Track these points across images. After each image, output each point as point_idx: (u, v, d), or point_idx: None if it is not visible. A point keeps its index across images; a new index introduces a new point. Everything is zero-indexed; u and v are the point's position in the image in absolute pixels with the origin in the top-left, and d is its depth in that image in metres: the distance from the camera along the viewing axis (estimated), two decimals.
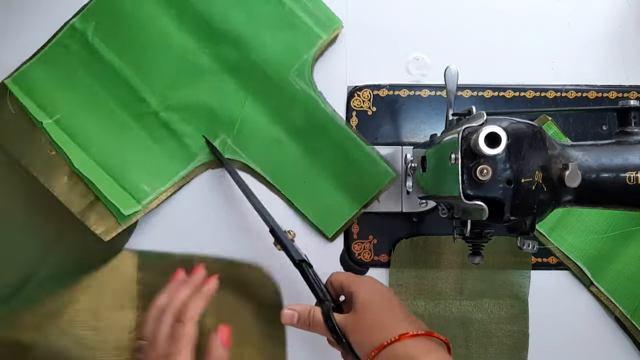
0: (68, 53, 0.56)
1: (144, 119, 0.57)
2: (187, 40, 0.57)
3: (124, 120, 0.57)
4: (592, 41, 0.60)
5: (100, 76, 0.56)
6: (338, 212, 0.58)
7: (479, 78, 0.59)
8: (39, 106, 0.56)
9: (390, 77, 0.59)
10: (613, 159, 0.41)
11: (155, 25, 0.56)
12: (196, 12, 0.56)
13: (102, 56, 0.56)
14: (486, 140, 0.36)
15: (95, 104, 0.57)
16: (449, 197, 0.42)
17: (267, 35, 0.56)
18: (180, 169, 0.57)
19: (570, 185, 0.39)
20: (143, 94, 0.56)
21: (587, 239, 0.59)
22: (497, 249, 0.58)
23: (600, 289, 0.58)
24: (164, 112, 0.57)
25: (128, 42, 0.56)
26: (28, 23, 0.57)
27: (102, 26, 0.56)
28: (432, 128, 0.59)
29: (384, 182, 0.57)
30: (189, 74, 0.57)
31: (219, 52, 0.56)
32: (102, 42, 0.56)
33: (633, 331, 0.58)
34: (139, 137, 0.57)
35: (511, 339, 0.58)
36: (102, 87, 0.57)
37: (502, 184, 0.38)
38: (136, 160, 0.57)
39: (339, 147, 0.57)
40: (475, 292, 0.58)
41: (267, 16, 0.57)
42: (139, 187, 0.56)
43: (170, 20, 0.56)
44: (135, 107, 0.57)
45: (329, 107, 0.57)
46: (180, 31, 0.56)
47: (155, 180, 0.57)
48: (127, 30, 0.56)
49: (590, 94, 0.60)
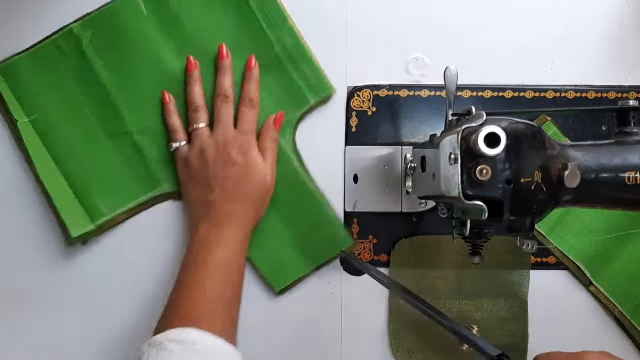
0: (60, 55, 0.56)
1: (118, 137, 0.57)
2: (179, 70, 0.56)
3: (98, 135, 0.57)
4: (592, 41, 0.60)
5: (85, 85, 0.56)
6: (290, 269, 0.57)
7: (478, 78, 0.59)
8: (19, 101, 0.56)
9: (390, 77, 0.59)
10: (612, 159, 0.41)
11: (151, 51, 0.56)
12: (195, 49, 0.56)
13: (92, 66, 0.56)
14: (486, 140, 0.36)
15: (75, 112, 0.56)
16: (448, 197, 0.42)
17: (260, 87, 0.57)
18: (141, 194, 0.57)
19: (569, 185, 0.39)
20: (122, 113, 0.56)
21: (586, 239, 0.59)
22: (496, 248, 0.58)
23: (600, 289, 0.58)
24: (138, 135, 0.56)
25: (120, 59, 0.56)
26: (27, 20, 0.57)
27: (99, 37, 0.56)
28: (432, 128, 0.59)
29: (340, 248, 0.57)
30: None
31: (207, 88, 0.56)
32: (95, 53, 0.56)
33: (632, 331, 0.58)
34: (108, 155, 0.57)
35: (510, 339, 0.58)
36: (85, 97, 0.56)
37: (502, 184, 0.38)
38: (101, 177, 0.56)
39: (303, 207, 0.57)
40: (474, 292, 0.59)
41: (262, 69, 0.57)
42: (96, 205, 0.56)
43: (168, 50, 0.56)
44: (113, 124, 0.56)
45: (304, 168, 0.57)
46: (175, 62, 0.56)
47: (114, 201, 0.56)
48: (123, 48, 0.56)
49: (589, 94, 0.60)
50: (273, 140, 0.56)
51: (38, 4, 0.57)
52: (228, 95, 0.55)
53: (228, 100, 0.55)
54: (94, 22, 0.56)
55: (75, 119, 0.56)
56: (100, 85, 0.56)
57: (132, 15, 0.56)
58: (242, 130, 0.54)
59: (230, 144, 0.53)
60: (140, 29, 0.56)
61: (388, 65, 0.59)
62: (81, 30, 0.56)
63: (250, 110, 0.55)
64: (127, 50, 0.56)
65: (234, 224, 0.52)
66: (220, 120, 0.55)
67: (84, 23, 0.56)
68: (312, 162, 0.58)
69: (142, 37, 0.56)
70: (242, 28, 0.57)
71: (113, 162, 0.57)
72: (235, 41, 0.57)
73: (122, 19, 0.56)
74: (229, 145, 0.53)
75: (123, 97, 0.56)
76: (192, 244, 0.52)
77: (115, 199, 0.56)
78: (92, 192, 0.56)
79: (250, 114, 0.55)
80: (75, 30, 0.56)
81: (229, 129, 0.54)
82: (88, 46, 0.56)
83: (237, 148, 0.53)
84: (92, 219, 0.56)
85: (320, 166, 0.58)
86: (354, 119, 0.59)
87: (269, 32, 0.57)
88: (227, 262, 0.51)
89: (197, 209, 0.54)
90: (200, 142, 0.54)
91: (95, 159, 0.57)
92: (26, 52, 0.56)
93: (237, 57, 0.57)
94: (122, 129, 0.56)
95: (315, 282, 0.58)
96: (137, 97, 0.57)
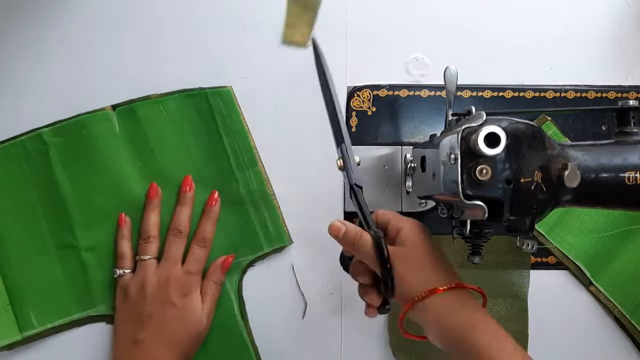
0: (25, 156, 0.56)
1: (65, 250, 0.56)
2: (139, 193, 0.56)
3: (46, 244, 0.56)
4: (592, 41, 0.60)
5: (44, 192, 0.56)
6: None
7: (478, 78, 0.59)
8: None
9: (389, 78, 0.59)
10: (612, 159, 0.41)
11: (116, 170, 0.56)
12: (160, 174, 0.56)
13: (54, 174, 0.56)
14: (485, 140, 0.36)
15: (28, 215, 0.56)
16: (448, 197, 0.42)
17: (218, 223, 0.56)
18: (74, 312, 0.56)
19: (569, 185, 0.39)
20: (75, 226, 0.56)
21: (586, 239, 0.59)
22: (496, 248, 0.58)
23: (600, 289, 0.58)
24: (85, 252, 0.56)
25: (84, 172, 0.56)
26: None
27: (67, 147, 0.56)
28: (432, 128, 0.59)
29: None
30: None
31: (166, 217, 0.56)
32: (60, 161, 0.56)
33: (632, 331, 0.58)
34: (52, 266, 0.56)
35: None
36: (41, 203, 0.56)
37: (502, 184, 0.38)
38: (38, 287, 0.55)
39: (232, 357, 0.56)
40: (474, 292, 0.58)
41: (224, 205, 0.56)
42: (28, 316, 0.55)
43: (134, 172, 0.56)
44: (63, 236, 0.56)
45: (243, 316, 0.57)
46: (138, 185, 0.56)
47: (46, 315, 0.55)
48: (88, 161, 0.56)
49: (589, 94, 0.60)
50: (217, 285, 0.55)
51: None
52: (182, 230, 0.55)
53: (181, 235, 0.55)
54: (65, 130, 0.56)
55: (27, 223, 0.56)
56: (58, 194, 0.55)
57: (103, 131, 0.56)
58: (187, 269, 0.54)
59: (173, 282, 0.53)
60: (109, 146, 0.56)
61: (388, 65, 0.59)
62: (51, 136, 0.56)
63: (201, 250, 0.55)
64: (92, 165, 0.56)
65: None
66: (168, 256, 0.54)
67: (55, 130, 0.56)
68: (312, 162, 0.58)
69: (109, 154, 0.56)
70: (211, 162, 0.57)
71: (55, 274, 0.56)
72: (201, 173, 0.57)
73: (93, 133, 0.56)
74: (171, 284, 0.53)
75: (79, 211, 0.56)
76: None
77: (49, 312, 0.55)
78: (27, 301, 0.55)
79: (201, 253, 0.55)
80: (45, 135, 0.56)
81: (175, 266, 0.54)
82: (54, 153, 0.56)
83: (179, 288, 0.53)
84: (21, 330, 0.55)
85: (320, 166, 0.58)
86: (354, 119, 0.59)
87: (236, 171, 0.57)
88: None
89: (123, 346, 0.53)
90: (143, 275, 0.53)
91: (38, 267, 0.56)
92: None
93: (201, 189, 0.56)
94: (72, 242, 0.56)
95: (315, 282, 0.58)
96: (92, 213, 0.56)
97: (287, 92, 0.59)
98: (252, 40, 0.59)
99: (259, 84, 0.58)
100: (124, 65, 0.58)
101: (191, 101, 0.57)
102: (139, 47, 0.58)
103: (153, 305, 0.52)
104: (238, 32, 0.59)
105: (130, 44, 0.58)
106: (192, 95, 0.57)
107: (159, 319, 0.52)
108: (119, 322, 0.54)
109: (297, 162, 0.58)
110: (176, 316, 0.52)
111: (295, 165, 0.58)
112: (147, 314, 0.52)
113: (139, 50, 0.58)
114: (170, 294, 0.52)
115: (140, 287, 0.53)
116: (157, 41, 0.59)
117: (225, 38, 0.59)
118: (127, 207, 0.56)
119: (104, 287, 0.56)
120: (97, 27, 0.58)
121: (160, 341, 0.51)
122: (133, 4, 0.59)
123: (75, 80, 0.58)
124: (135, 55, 0.58)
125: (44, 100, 0.57)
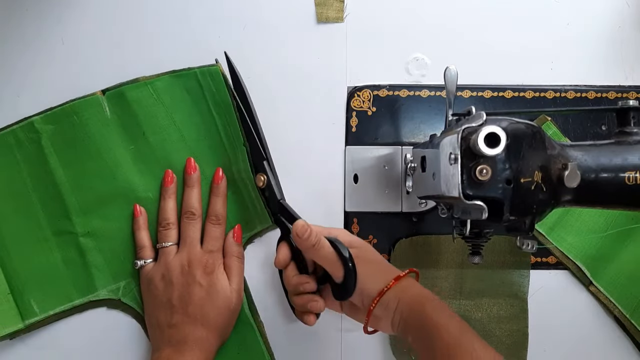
0: (17, 146, 0.56)
1: (63, 237, 0.56)
2: (134, 176, 0.56)
3: (44, 232, 0.56)
4: (592, 41, 0.60)
5: (39, 180, 0.56)
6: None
7: (478, 78, 0.59)
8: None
9: (390, 78, 0.59)
10: (612, 159, 0.41)
11: (109, 155, 0.56)
12: (154, 156, 0.56)
13: (47, 161, 0.55)
14: (486, 140, 0.36)
15: (24, 204, 0.56)
16: (448, 197, 0.42)
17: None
18: (75, 298, 0.56)
19: (569, 185, 0.39)
20: (71, 213, 0.56)
21: (586, 239, 0.59)
22: (496, 248, 0.58)
23: (600, 289, 0.58)
24: (83, 237, 0.56)
25: (77, 158, 0.56)
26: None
27: (59, 134, 0.56)
28: (432, 128, 0.59)
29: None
30: (123, 208, 0.56)
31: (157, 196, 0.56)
32: (53, 149, 0.55)
33: (632, 330, 0.58)
34: (50, 253, 0.56)
35: (510, 339, 0.58)
36: (36, 191, 0.56)
37: (502, 184, 0.38)
38: (38, 275, 0.55)
39: (242, 342, 0.56)
40: (474, 292, 0.59)
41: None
42: (29, 303, 0.55)
43: (126, 153, 0.56)
44: (60, 222, 0.56)
45: (249, 309, 0.57)
46: (131, 166, 0.56)
47: (47, 302, 0.55)
48: (81, 147, 0.56)
49: (589, 94, 0.60)
50: (238, 258, 0.56)
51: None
52: (195, 212, 0.55)
53: (195, 217, 0.55)
54: (56, 117, 0.56)
55: (24, 212, 0.56)
56: (53, 182, 0.55)
57: (94, 116, 0.56)
58: (207, 249, 0.54)
59: (196, 263, 0.53)
60: (101, 130, 0.56)
61: (388, 65, 0.59)
62: (43, 123, 0.56)
63: (217, 227, 0.55)
64: (85, 150, 0.56)
65: (196, 349, 0.51)
66: (187, 239, 0.54)
67: (46, 117, 0.56)
68: (312, 162, 0.58)
69: (102, 139, 0.56)
70: (204, 141, 0.57)
71: (54, 261, 0.56)
72: (195, 153, 0.57)
73: (84, 119, 0.55)
74: (194, 266, 0.53)
75: (74, 197, 0.56)
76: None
77: (50, 298, 0.55)
78: (28, 289, 0.55)
79: (217, 231, 0.55)
80: (36, 123, 0.55)
81: (195, 248, 0.54)
82: (47, 141, 0.55)
83: (202, 268, 0.53)
84: (23, 318, 0.55)
85: (320, 166, 0.58)
86: (354, 119, 0.59)
87: (228, 149, 0.57)
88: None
89: (159, 332, 0.53)
90: (166, 262, 0.54)
91: (37, 254, 0.56)
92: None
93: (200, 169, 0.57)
94: (69, 229, 0.56)
95: None
96: (88, 199, 0.56)
97: (287, 90, 0.59)
98: (252, 38, 0.59)
99: (259, 82, 0.58)
100: (114, 51, 0.58)
101: (180, 81, 0.57)
102: (129, 33, 0.58)
103: (181, 289, 0.52)
104: (238, 31, 0.59)
105: (120, 30, 0.58)
106: (181, 75, 0.57)
107: (189, 301, 0.52)
108: (150, 311, 0.55)
109: (297, 161, 0.58)
110: (204, 295, 0.52)
111: (295, 165, 0.58)
112: (177, 298, 0.52)
113: (130, 35, 0.58)
114: (196, 274, 0.53)
115: (165, 274, 0.53)
116: (148, 25, 0.58)
117: (225, 38, 0.59)
118: (122, 191, 0.56)
119: (104, 272, 0.56)
120: (92, 20, 0.58)
121: (193, 321, 0.52)
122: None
123: (66, 67, 0.58)
124: (125, 40, 0.58)
125: (35, 89, 0.57)
